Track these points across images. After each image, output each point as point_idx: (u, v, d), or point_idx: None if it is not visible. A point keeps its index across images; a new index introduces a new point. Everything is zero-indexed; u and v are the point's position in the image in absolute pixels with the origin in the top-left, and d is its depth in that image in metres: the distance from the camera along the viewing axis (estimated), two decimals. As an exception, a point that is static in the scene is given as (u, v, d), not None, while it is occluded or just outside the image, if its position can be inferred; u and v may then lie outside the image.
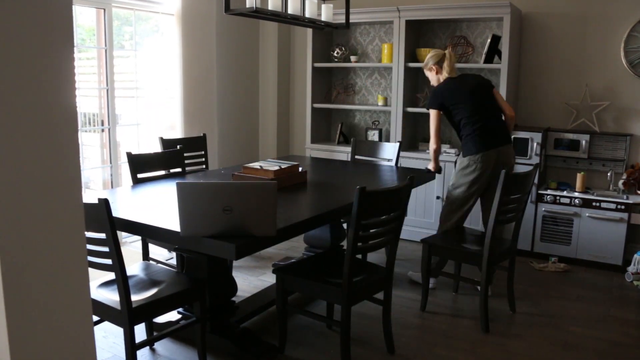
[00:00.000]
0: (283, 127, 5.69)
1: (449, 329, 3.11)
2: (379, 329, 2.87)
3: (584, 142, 4.21)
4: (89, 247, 2.19)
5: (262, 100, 5.61)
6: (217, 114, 5.04)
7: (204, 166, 4.35)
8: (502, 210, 3.00)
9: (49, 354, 1.26)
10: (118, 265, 2.19)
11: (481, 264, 3.04)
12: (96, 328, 2.78)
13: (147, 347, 2.82)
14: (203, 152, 4.34)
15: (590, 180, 4.34)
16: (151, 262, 3.11)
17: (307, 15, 3.30)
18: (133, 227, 2.39)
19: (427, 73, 3.62)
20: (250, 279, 3.79)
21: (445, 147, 4.63)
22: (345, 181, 3.49)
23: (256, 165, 3.22)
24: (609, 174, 4.16)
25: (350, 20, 4.01)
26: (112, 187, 4.47)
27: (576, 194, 4.09)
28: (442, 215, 3.56)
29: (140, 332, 2.82)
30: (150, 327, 2.83)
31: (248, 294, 3.45)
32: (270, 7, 3.03)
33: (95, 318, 2.46)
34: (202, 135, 4.37)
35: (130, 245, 4.49)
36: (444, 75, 3.50)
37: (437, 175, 3.74)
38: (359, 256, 3.55)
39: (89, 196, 3.90)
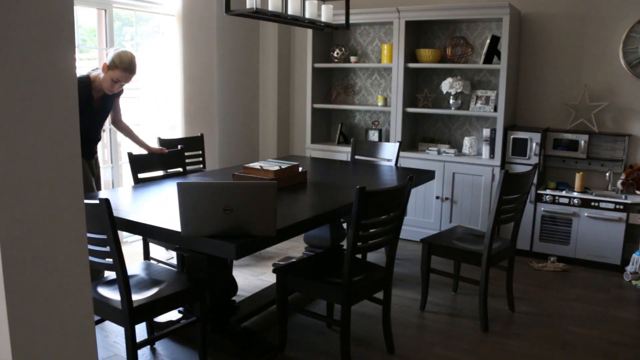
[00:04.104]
0: (283, 127, 5.69)
1: (448, 328, 3.12)
2: (379, 329, 2.88)
3: (582, 142, 4.22)
4: (90, 247, 2.20)
5: (262, 100, 5.62)
6: (217, 114, 5.04)
7: (201, 166, 4.37)
8: (501, 210, 3.01)
9: (51, 353, 1.27)
10: (119, 264, 2.21)
11: (481, 263, 3.05)
12: (97, 327, 2.79)
13: (148, 347, 2.83)
14: (200, 152, 4.35)
15: (589, 180, 4.35)
16: (152, 261, 3.12)
17: (307, 15, 3.30)
18: (134, 227, 2.40)
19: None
20: (251, 279, 3.80)
21: (444, 147, 4.64)
22: (345, 181, 3.50)
23: (256, 165, 3.22)
24: (607, 174, 4.16)
25: (350, 21, 4.02)
26: (113, 187, 4.48)
27: (575, 194, 4.10)
28: None
29: (141, 331, 2.84)
30: (151, 327, 2.83)
31: (248, 293, 3.45)
32: (270, 8, 3.04)
33: (96, 317, 2.47)
34: (199, 135, 4.38)
35: (131, 245, 4.50)
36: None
37: (436, 175, 3.74)
38: (359, 256, 3.56)
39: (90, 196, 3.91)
